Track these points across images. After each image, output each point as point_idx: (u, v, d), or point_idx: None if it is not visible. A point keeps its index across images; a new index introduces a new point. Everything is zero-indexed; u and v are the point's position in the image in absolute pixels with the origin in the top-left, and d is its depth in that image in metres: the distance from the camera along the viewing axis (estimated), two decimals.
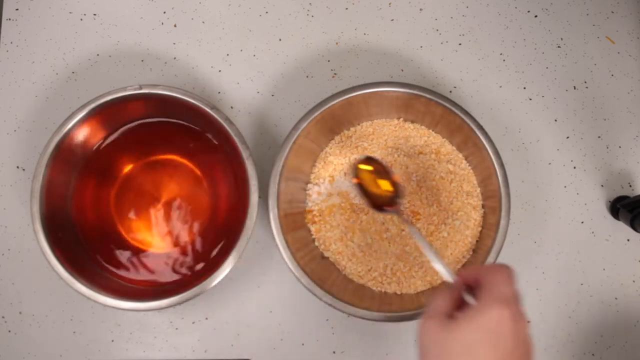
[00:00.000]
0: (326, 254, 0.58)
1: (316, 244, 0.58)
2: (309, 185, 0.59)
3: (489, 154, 0.55)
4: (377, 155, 0.59)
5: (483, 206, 0.58)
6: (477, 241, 0.57)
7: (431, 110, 0.58)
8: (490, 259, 0.53)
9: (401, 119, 0.61)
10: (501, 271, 0.40)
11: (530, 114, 0.66)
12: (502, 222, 0.54)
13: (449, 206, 0.58)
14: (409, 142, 0.60)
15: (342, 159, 0.59)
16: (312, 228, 0.58)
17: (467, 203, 0.58)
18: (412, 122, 0.61)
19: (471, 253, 0.57)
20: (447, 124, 0.58)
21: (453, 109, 0.56)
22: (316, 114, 0.56)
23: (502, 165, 0.55)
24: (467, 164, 0.59)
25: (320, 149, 0.60)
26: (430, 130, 0.60)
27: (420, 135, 0.60)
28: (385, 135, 0.60)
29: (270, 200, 0.54)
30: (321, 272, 0.56)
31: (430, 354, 0.38)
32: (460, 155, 0.59)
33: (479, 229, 0.58)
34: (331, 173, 0.59)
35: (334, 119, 0.58)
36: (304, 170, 0.59)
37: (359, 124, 0.61)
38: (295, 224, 0.57)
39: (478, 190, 0.59)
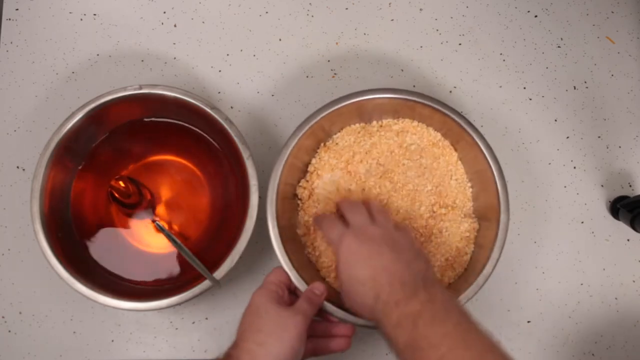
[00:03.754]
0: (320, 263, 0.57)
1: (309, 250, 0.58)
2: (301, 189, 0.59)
3: (482, 151, 0.55)
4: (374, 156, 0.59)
5: (474, 212, 0.58)
6: (476, 235, 0.57)
7: (420, 112, 0.57)
8: (494, 255, 0.53)
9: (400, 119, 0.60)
10: (323, 226, 0.53)
11: (530, 114, 0.66)
12: (502, 217, 0.54)
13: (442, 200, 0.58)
14: (405, 143, 0.60)
15: (330, 168, 0.58)
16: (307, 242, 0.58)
17: (460, 194, 0.58)
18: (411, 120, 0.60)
19: (472, 247, 0.57)
20: (437, 125, 0.58)
21: (443, 109, 0.55)
22: (312, 122, 0.55)
23: (496, 161, 0.55)
24: (457, 157, 0.59)
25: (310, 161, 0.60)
26: (429, 128, 0.60)
27: (416, 133, 0.60)
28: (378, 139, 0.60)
29: (268, 210, 0.54)
30: (320, 278, 0.56)
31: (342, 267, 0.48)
32: (453, 152, 0.59)
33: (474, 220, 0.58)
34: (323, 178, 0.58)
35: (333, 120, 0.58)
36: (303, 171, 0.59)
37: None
38: (293, 229, 0.57)
39: (469, 185, 0.59)
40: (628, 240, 0.64)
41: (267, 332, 0.45)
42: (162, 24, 0.67)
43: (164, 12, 0.67)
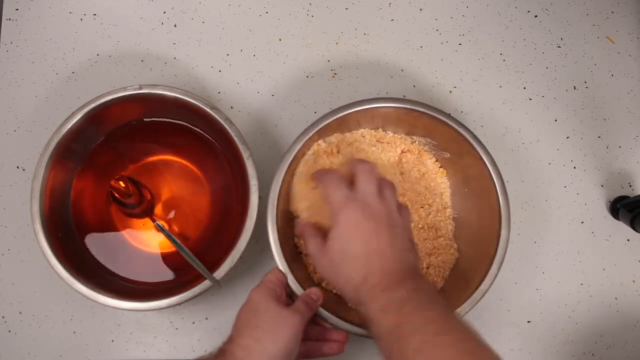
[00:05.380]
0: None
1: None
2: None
3: (486, 165, 0.54)
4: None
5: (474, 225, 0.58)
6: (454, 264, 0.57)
7: (425, 123, 0.57)
8: (492, 270, 0.52)
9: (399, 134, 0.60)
10: (327, 184, 0.50)
11: (530, 114, 0.66)
12: (503, 232, 0.53)
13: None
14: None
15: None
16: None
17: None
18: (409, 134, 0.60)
19: (456, 255, 0.57)
20: (442, 135, 0.57)
21: (448, 121, 0.55)
22: (318, 127, 0.55)
23: (500, 177, 0.54)
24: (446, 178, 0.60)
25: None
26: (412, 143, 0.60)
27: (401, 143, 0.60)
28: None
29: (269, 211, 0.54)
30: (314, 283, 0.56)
31: (326, 268, 0.48)
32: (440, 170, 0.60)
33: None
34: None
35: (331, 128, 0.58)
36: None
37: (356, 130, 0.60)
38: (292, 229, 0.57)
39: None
40: (628, 240, 0.64)
41: (265, 329, 0.45)
42: (162, 24, 0.67)
43: (164, 12, 0.67)
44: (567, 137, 0.66)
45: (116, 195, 0.54)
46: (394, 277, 0.44)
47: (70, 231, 0.57)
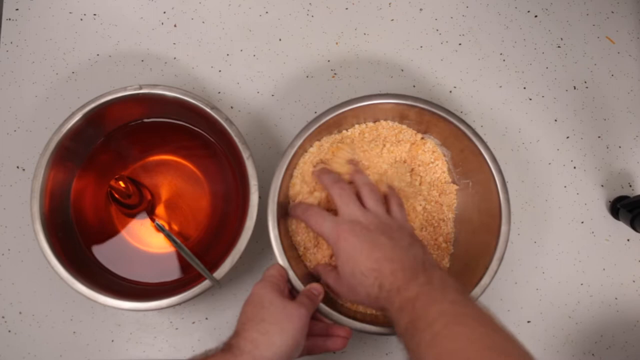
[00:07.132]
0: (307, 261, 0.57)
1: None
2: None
3: (486, 161, 0.54)
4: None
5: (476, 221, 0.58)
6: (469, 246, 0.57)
7: (426, 119, 0.57)
8: (493, 266, 0.52)
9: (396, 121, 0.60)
10: (310, 219, 0.52)
11: (530, 114, 0.66)
12: (503, 227, 0.53)
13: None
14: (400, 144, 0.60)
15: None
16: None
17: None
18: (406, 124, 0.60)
19: (451, 249, 0.58)
20: (443, 131, 0.58)
21: (448, 117, 0.55)
22: (317, 124, 0.55)
23: (500, 172, 0.54)
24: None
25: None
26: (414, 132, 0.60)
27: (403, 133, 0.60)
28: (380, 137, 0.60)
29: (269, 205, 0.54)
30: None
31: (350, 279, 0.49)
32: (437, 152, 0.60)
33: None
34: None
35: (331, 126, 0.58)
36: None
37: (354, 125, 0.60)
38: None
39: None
40: (628, 240, 0.64)
41: (271, 322, 0.45)
42: (162, 24, 0.67)
43: (164, 12, 0.67)
44: (567, 137, 0.66)
45: (116, 195, 0.54)
46: (406, 275, 0.45)
47: (70, 231, 0.57)
